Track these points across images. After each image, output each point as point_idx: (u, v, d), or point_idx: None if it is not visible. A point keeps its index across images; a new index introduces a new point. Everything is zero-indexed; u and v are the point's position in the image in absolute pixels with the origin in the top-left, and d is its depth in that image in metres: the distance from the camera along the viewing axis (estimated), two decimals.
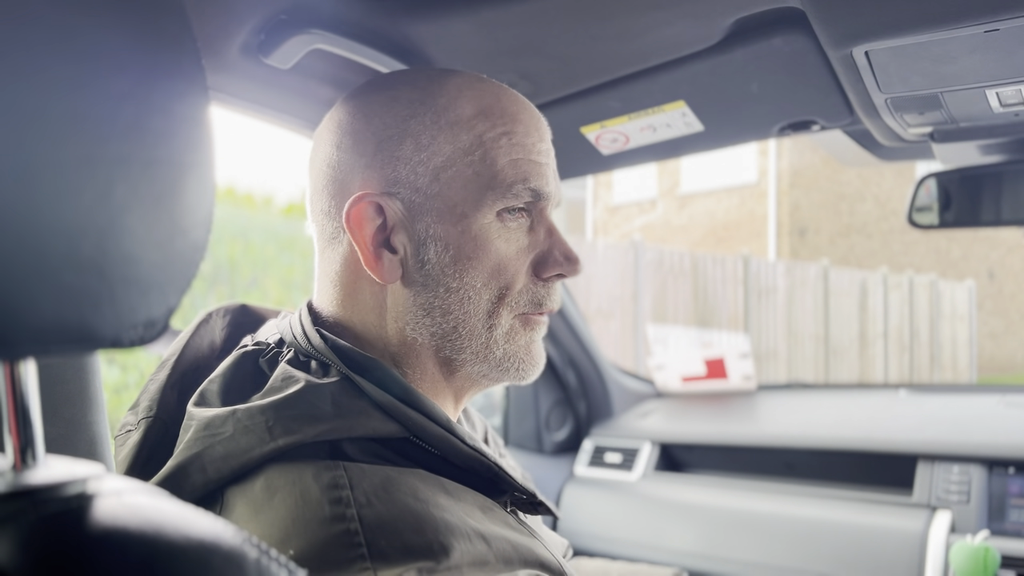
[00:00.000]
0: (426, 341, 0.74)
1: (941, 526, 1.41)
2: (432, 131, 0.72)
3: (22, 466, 0.39)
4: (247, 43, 0.91)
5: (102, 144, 0.36)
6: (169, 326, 0.41)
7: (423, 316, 0.73)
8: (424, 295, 0.73)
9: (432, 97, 0.73)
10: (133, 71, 0.38)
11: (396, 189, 0.72)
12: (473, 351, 0.75)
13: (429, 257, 0.72)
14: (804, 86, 1.05)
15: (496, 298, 0.74)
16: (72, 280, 0.35)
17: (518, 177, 0.73)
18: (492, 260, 0.73)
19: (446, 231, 0.72)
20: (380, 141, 0.73)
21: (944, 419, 1.70)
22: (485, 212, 0.72)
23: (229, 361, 0.73)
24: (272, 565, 0.38)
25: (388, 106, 0.74)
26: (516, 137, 0.74)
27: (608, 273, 7.96)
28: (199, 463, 0.64)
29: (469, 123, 0.73)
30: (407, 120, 0.73)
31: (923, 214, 1.37)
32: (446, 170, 0.72)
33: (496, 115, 0.74)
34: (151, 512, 0.38)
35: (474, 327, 0.74)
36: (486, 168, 0.72)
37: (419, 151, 0.72)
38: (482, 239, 0.73)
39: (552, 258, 0.77)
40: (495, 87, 0.77)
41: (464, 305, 0.73)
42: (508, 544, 0.63)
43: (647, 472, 1.90)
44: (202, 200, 0.41)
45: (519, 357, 0.77)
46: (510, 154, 0.73)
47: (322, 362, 0.70)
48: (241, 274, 6.15)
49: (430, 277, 0.73)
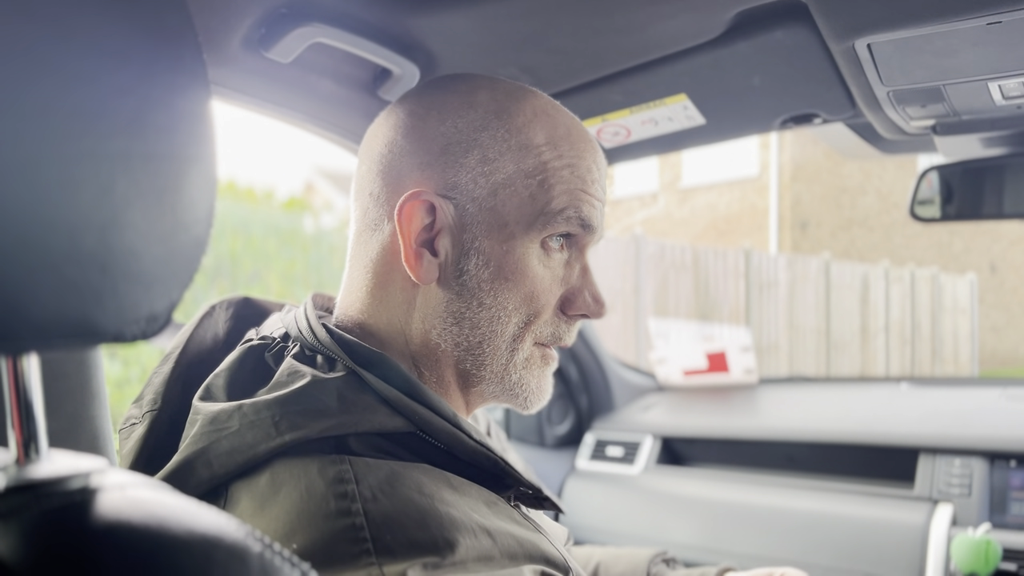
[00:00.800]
0: (449, 349, 0.74)
1: (943, 519, 1.42)
2: (501, 147, 0.73)
3: (25, 460, 0.39)
4: (248, 37, 0.91)
5: (104, 139, 0.36)
6: (171, 320, 0.41)
7: (452, 324, 0.74)
8: (457, 304, 0.73)
9: (508, 114, 0.74)
10: (134, 66, 0.38)
11: (453, 194, 0.72)
12: (492, 370, 0.75)
13: (469, 268, 0.73)
14: (806, 79, 1.04)
15: (524, 323, 0.75)
16: (74, 274, 0.35)
17: (570, 204, 0.74)
18: (528, 286, 0.74)
19: (491, 247, 0.72)
20: (448, 144, 0.73)
21: (946, 412, 1.70)
22: (533, 237, 0.73)
23: (234, 355, 0.73)
24: (276, 559, 0.38)
25: (464, 111, 0.74)
26: (579, 171, 0.75)
27: (609, 267, 7.95)
28: (205, 458, 0.64)
29: (537, 148, 0.73)
30: (479, 131, 0.73)
31: (925, 207, 1.37)
32: (505, 188, 0.72)
33: (565, 147, 0.75)
34: (154, 506, 0.38)
35: (498, 347, 0.75)
36: (543, 193, 0.73)
37: (484, 163, 0.72)
38: (523, 263, 0.73)
39: (582, 298, 0.78)
40: (569, 118, 0.78)
41: (493, 324, 0.73)
42: (513, 539, 0.63)
43: (648, 465, 1.90)
44: (204, 195, 0.41)
45: (531, 387, 0.78)
46: (568, 184, 0.74)
47: (328, 356, 0.70)
48: (242, 268, 6.15)
49: (466, 288, 0.73)
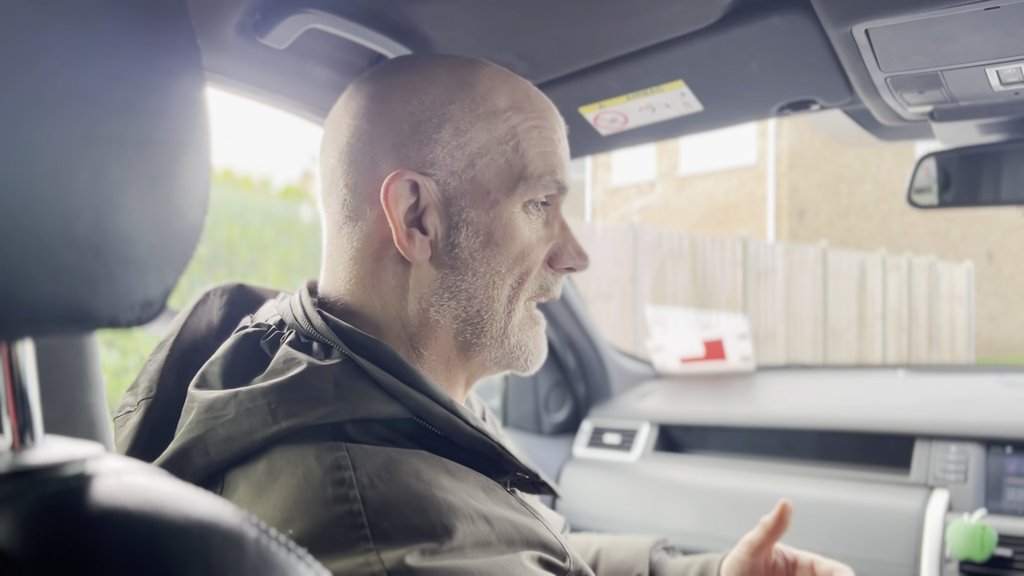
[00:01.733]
0: (448, 323, 0.75)
1: (938, 505, 1.42)
2: (470, 118, 0.73)
3: (21, 447, 0.39)
4: (243, 23, 0.91)
5: (97, 124, 0.36)
6: (166, 307, 0.41)
7: (449, 299, 0.74)
8: (452, 277, 0.74)
9: (469, 84, 0.74)
10: (128, 51, 0.37)
11: (432, 171, 0.72)
12: (491, 336, 0.76)
13: (460, 240, 0.73)
14: (803, 65, 1.04)
15: (516, 284, 0.76)
16: (68, 260, 0.35)
17: (547, 169, 0.75)
18: (517, 248, 0.75)
19: (478, 216, 0.73)
20: (419, 122, 0.73)
21: (942, 399, 1.71)
22: (515, 200, 0.74)
23: (229, 343, 0.73)
24: (272, 544, 0.38)
25: (427, 88, 0.74)
26: (545, 132, 0.76)
27: (607, 255, 7.96)
28: (201, 445, 0.64)
29: (504, 114, 0.74)
30: (446, 104, 0.73)
31: (922, 194, 1.37)
32: (481, 157, 0.73)
33: (528, 109, 0.76)
34: (150, 492, 0.38)
35: (496, 311, 0.75)
36: (518, 158, 0.74)
37: (457, 136, 0.73)
38: (511, 227, 0.74)
39: (566, 252, 0.79)
40: (522, 81, 0.79)
41: (488, 290, 0.74)
42: (510, 525, 0.63)
43: (646, 453, 1.90)
44: (198, 180, 0.41)
45: (529, 348, 0.79)
46: (540, 146, 0.75)
47: (324, 343, 0.70)
48: (239, 257, 6.14)
49: (459, 260, 0.73)
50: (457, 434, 0.69)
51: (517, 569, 0.59)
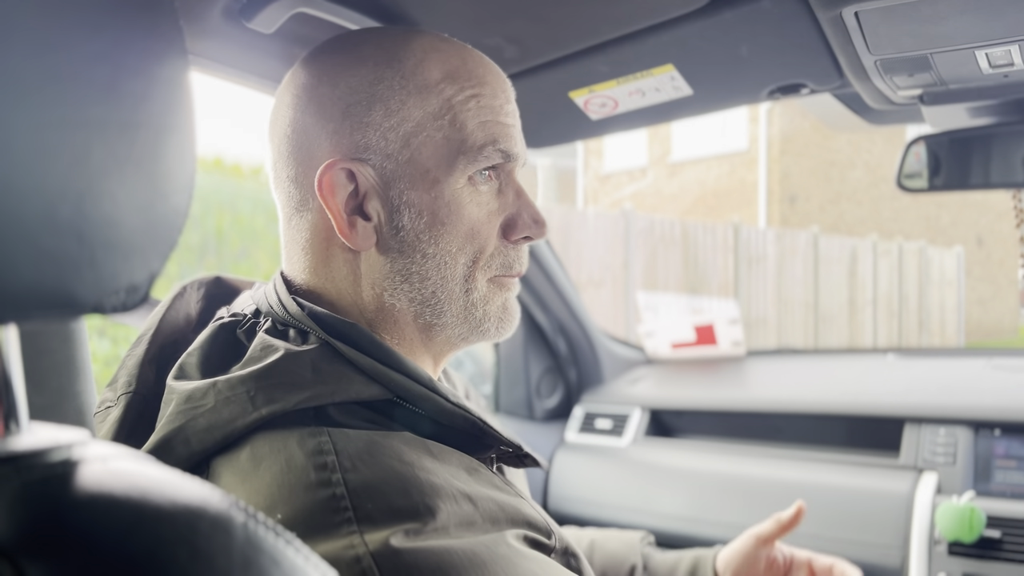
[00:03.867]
0: (405, 307, 0.74)
1: (927, 487, 1.43)
2: (401, 96, 0.71)
3: (6, 433, 0.39)
4: (228, 7, 0.90)
5: (78, 106, 0.36)
6: (150, 295, 0.41)
7: (401, 282, 0.73)
8: (401, 261, 0.72)
9: (398, 60, 0.72)
10: (108, 32, 0.37)
11: (367, 155, 0.71)
12: (453, 314, 0.75)
13: (404, 223, 0.72)
14: (793, 48, 1.04)
15: (471, 261, 0.74)
16: (51, 244, 0.35)
17: (488, 139, 0.72)
18: (466, 224, 0.73)
19: (419, 197, 0.71)
20: (348, 106, 0.71)
21: (931, 382, 1.72)
22: (457, 177, 0.72)
23: (206, 333, 0.72)
24: (259, 529, 0.38)
25: (354, 69, 0.72)
26: (484, 100, 0.73)
27: (599, 241, 7.97)
28: (182, 435, 0.64)
29: (437, 87, 0.72)
30: (374, 84, 0.71)
31: (912, 179, 1.37)
32: (416, 135, 0.71)
33: (463, 78, 0.73)
34: (137, 477, 0.38)
35: (452, 291, 0.74)
36: (456, 132, 0.72)
37: (388, 116, 0.71)
38: (455, 204, 0.72)
39: (521, 221, 0.77)
40: (460, 47, 0.76)
41: (441, 270, 0.73)
42: (494, 504, 0.63)
43: (637, 438, 1.91)
44: (183, 164, 0.41)
45: (497, 316, 0.78)
46: (479, 116, 0.73)
47: (300, 330, 0.70)
48: (230, 245, 6.12)
49: (405, 243, 0.72)
50: (438, 411, 0.69)
51: (502, 548, 0.59)
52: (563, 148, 1.41)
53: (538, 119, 1.35)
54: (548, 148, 1.50)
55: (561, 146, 1.57)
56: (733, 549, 1.09)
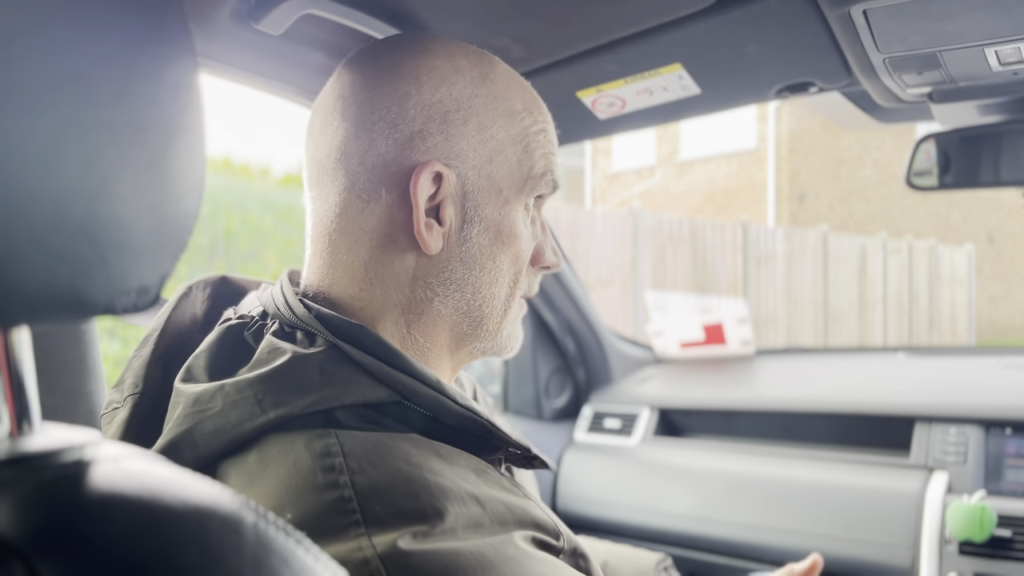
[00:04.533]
0: (448, 314, 0.75)
1: (938, 486, 1.43)
2: (492, 114, 0.74)
3: (18, 433, 0.39)
4: (237, 9, 0.90)
5: (88, 109, 0.36)
6: (161, 294, 0.41)
7: (455, 291, 0.74)
8: (461, 271, 0.74)
9: (491, 80, 0.75)
10: (117, 35, 0.37)
11: (455, 163, 0.72)
12: (487, 329, 0.78)
13: (472, 235, 0.74)
14: (801, 47, 1.04)
15: (513, 282, 0.78)
16: (62, 245, 0.35)
17: (547, 169, 0.78)
18: (517, 246, 0.77)
19: (491, 213, 0.74)
20: (448, 111, 0.72)
21: (942, 381, 1.71)
22: (521, 200, 0.76)
23: (213, 336, 0.72)
24: (270, 529, 0.39)
25: (454, 78, 0.73)
26: (548, 134, 0.79)
27: (607, 241, 7.96)
28: (190, 439, 0.64)
29: (519, 115, 0.76)
30: (471, 99, 0.73)
31: (922, 177, 1.37)
32: (498, 154, 0.74)
33: (536, 112, 0.78)
34: (148, 477, 0.38)
35: (495, 307, 0.77)
36: (527, 159, 0.76)
37: (481, 131, 0.73)
38: (514, 226, 0.76)
39: (547, 251, 0.82)
40: (528, 84, 0.81)
41: (492, 287, 0.76)
42: (502, 506, 0.63)
43: (646, 437, 1.91)
44: (193, 165, 0.41)
45: (514, 337, 0.83)
46: (543, 148, 0.78)
47: (308, 332, 0.69)
48: (239, 246, 6.13)
49: (469, 255, 0.74)
50: (446, 413, 0.69)
51: (510, 550, 0.59)
52: (571, 147, 1.41)
53: None
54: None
55: (569, 145, 1.57)
56: None
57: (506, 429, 0.73)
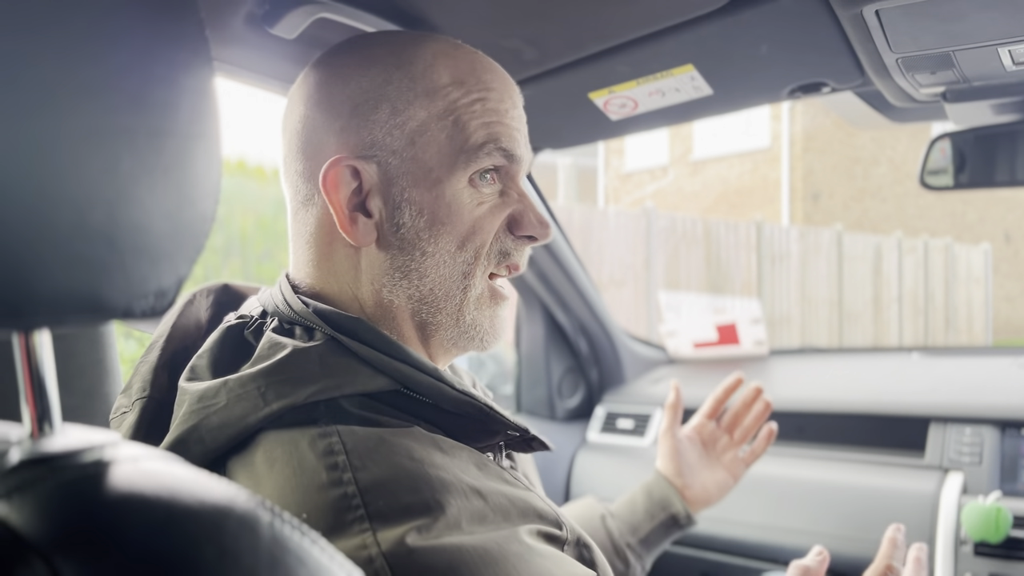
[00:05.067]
0: (403, 304, 0.75)
1: (953, 487, 1.42)
2: (408, 96, 0.72)
3: (39, 434, 0.40)
4: (252, 13, 0.91)
5: (107, 115, 0.36)
6: (177, 298, 0.42)
7: (400, 279, 0.74)
8: (400, 258, 0.74)
9: (409, 62, 0.74)
10: (136, 43, 0.38)
11: (372, 153, 0.72)
12: (447, 314, 0.76)
13: (404, 221, 0.73)
14: (814, 47, 1.03)
15: (471, 259, 0.75)
16: (82, 250, 0.36)
17: (489, 138, 0.74)
18: (465, 224, 0.74)
19: (420, 196, 0.73)
20: (356, 104, 0.73)
21: (957, 381, 1.70)
22: (458, 177, 0.73)
23: (215, 336, 0.74)
24: (285, 528, 0.39)
25: (364, 69, 0.74)
26: (489, 103, 0.75)
27: (620, 241, 7.94)
28: (197, 434, 0.66)
29: (444, 90, 0.73)
30: (384, 85, 0.73)
31: (937, 176, 1.36)
32: (421, 135, 0.72)
33: (471, 83, 0.74)
34: (166, 477, 0.39)
35: (450, 289, 0.75)
36: (458, 132, 0.73)
37: (395, 115, 0.72)
38: (455, 204, 0.73)
39: (526, 219, 0.78)
40: (470, 54, 0.77)
41: (440, 268, 0.74)
42: (504, 498, 0.65)
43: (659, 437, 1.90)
44: (209, 170, 0.42)
45: (484, 327, 0.78)
46: (482, 118, 0.74)
47: (306, 327, 0.71)
48: (253, 247, 6.16)
49: (406, 241, 0.73)
50: (444, 399, 0.70)
51: (515, 545, 0.60)
52: (583, 147, 1.41)
53: (558, 120, 1.35)
54: (568, 148, 1.51)
55: (581, 145, 1.58)
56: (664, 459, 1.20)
57: (504, 413, 0.74)
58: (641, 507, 1.18)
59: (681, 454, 1.22)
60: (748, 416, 1.27)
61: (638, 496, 1.20)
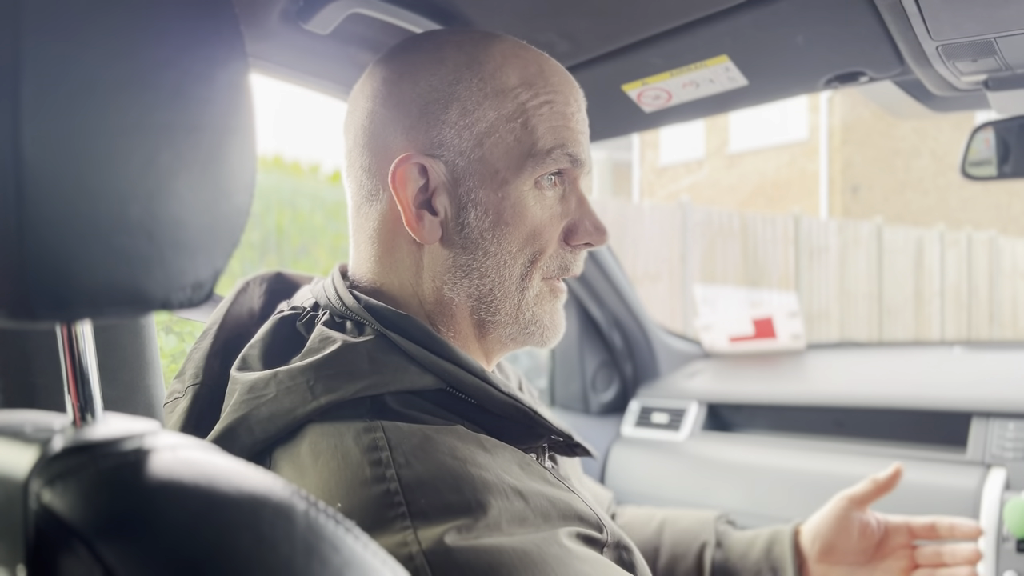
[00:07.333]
0: (463, 302, 0.76)
1: (995, 483, 1.39)
2: (478, 97, 0.73)
3: (82, 423, 0.41)
4: (286, 10, 0.92)
5: (147, 111, 0.37)
6: (214, 290, 0.42)
7: (461, 277, 0.75)
8: (463, 257, 0.74)
9: (478, 63, 0.74)
10: (173, 40, 0.39)
11: (440, 152, 0.73)
12: (506, 312, 0.76)
13: (469, 221, 0.74)
14: (851, 36, 1.02)
15: (529, 262, 0.76)
16: (123, 243, 0.36)
17: (556, 143, 0.74)
18: (528, 226, 0.74)
19: (487, 196, 0.73)
20: (426, 103, 0.73)
21: (1000, 376, 1.67)
22: (524, 179, 0.74)
23: (267, 326, 0.75)
24: (320, 517, 0.40)
25: (434, 68, 0.74)
26: (556, 106, 0.75)
27: (655, 235, 7.90)
28: (246, 424, 0.67)
29: (513, 91, 0.74)
30: (453, 85, 0.73)
31: (979, 166, 1.33)
32: (489, 136, 0.73)
33: (539, 84, 0.75)
34: (205, 466, 0.40)
35: (508, 290, 0.76)
36: (527, 135, 0.73)
37: (464, 116, 0.73)
38: (520, 205, 0.74)
39: (583, 227, 0.78)
40: (537, 56, 0.78)
41: (500, 269, 0.75)
42: (545, 500, 0.64)
43: (694, 432, 1.90)
44: (245, 164, 0.42)
45: (544, 323, 0.79)
46: (550, 121, 0.74)
47: (357, 322, 0.72)
48: (290, 242, 6.22)
49: (469, 240, 0.74)
50: (490, 401, 0.71)
51: (554, 548, 0.59)
52: (618, 141, 1.40)
53: (591, 113, 1.34)
54: (602, 141, 1.50)
55: (616, 139, 1.57)
56: (823, 516, 1.04)
57: (549, 417, 0.74)
58: (752, 562, 1.05)
59: (843, 531, 1.03)
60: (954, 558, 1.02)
61: (759, 542, 1.07)
